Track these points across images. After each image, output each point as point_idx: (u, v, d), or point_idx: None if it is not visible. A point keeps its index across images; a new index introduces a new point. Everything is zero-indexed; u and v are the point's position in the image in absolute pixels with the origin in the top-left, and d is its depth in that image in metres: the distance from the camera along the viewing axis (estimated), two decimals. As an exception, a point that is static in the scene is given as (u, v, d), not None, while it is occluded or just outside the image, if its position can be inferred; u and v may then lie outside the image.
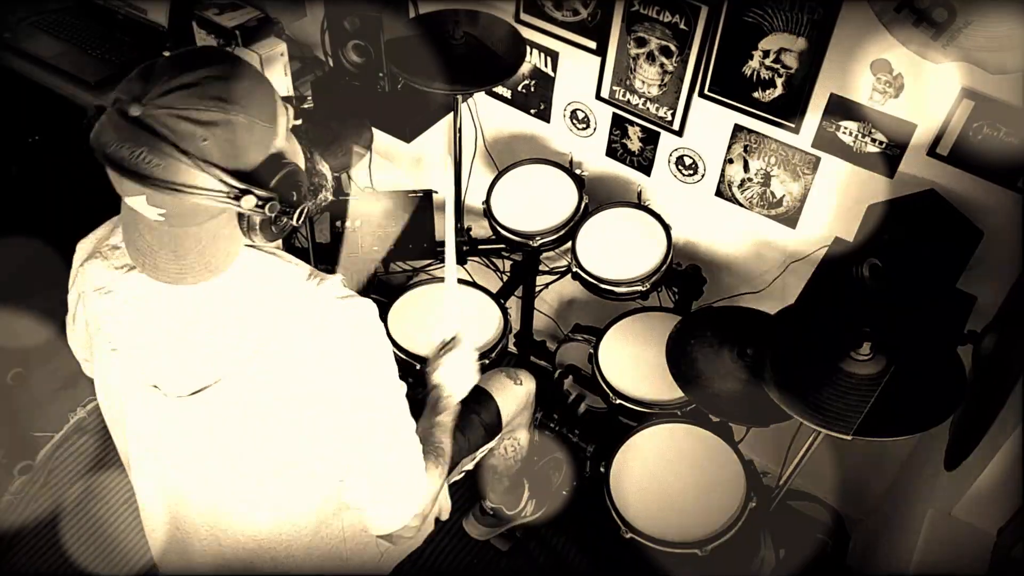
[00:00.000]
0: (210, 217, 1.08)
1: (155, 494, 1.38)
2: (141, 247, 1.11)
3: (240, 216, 1.11)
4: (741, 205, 2.06)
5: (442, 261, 2.39)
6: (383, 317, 1.37)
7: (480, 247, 2.34)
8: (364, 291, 1.80)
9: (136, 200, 1.04)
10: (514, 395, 1.86)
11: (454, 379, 1.55)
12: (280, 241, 1.23)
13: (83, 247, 1.30)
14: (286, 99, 1.13)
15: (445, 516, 1.66)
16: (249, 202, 1.06)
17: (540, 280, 2.40)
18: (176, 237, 1.08)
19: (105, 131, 1.03)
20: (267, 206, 1.09)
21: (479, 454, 1.78)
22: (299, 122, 1.17)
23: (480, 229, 2.31)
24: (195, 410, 1.21)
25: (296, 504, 1.33)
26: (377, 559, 1.58)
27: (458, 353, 1.56)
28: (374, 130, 2.31)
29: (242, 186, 1.06)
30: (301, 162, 1.17)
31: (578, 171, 2.18)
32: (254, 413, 1.20)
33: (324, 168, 1.25)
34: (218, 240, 1.11)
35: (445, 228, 1.49)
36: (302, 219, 1.15)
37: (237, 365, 1.17)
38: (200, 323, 1.17)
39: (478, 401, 1.80)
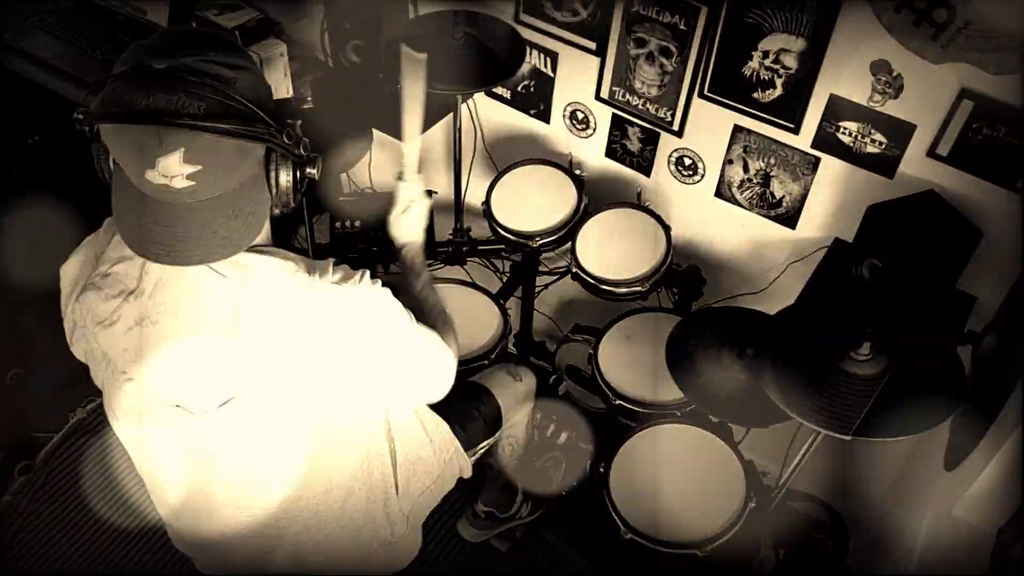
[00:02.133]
0: (240, 180, 1.08)
1: (191, 502, 1.38)
2: (155, 236, 1.07)
3: (267, 176, 1.12)
4: (741, 206, 2.06)
5: (443, 262, 2.40)
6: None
7: (480, 247, 2.34)
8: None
9: (168, 161, 1.01)
10: (514, 392, 1.87)
11: (416, 229, 1.57)
12: (271, 238, 1.25)
13: (67, 273, 1.27)
14: (285, 100, 1.14)
15: (467, 474, 1.72)
16: (288, 137, 1.09)
17: (540, 281, 2.39)
18: (198, 212, 1.06)
19: (125, 94, 1.01)
20: (300, 145, 1.12)
21: (479, 450, 1.78)
22: (298, 123, 1.18)
23: (480, 229, 2.31)
24: (223, 420, 1.21)
25: (326, 482, 1.38)
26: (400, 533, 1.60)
27: (419, 207, 1.57)
28: (374, 131, 2.31)
29: (274, 124, 1.08)
30: None
31: (578, 171, 2.18)
32: (281, 409, 1.22)
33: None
34: (248, 206, 1.10)
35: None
36: (318, 173, 1.17)
37: (256, 371, 1.17)
38: (212, 336, 1.16)
39: (478, 397, 1.80)
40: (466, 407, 1.76)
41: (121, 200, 1.10)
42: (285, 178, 1.13)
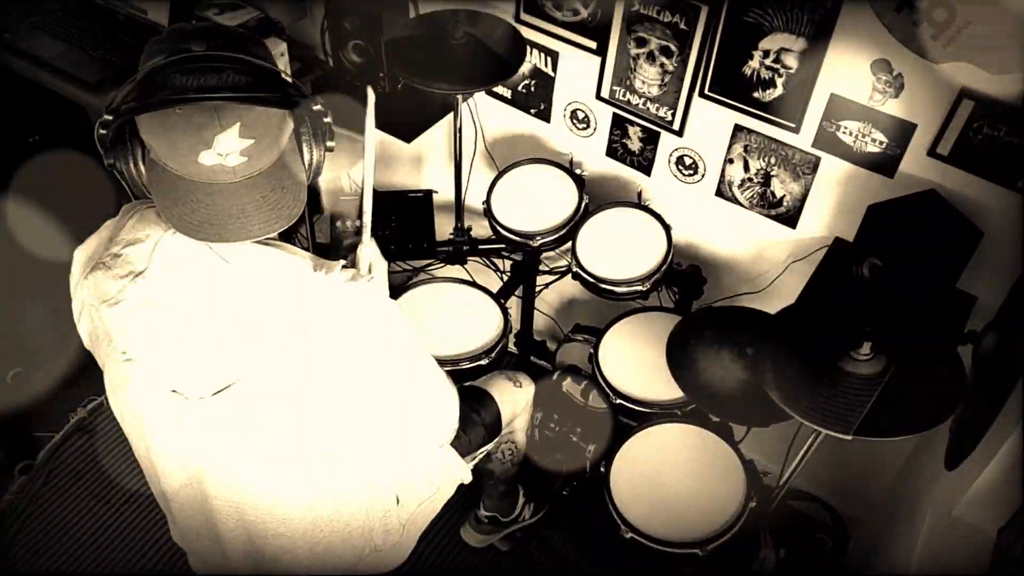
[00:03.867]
0: (279, 153, 1.11)
1: (184, 492, 1.38)
2: (211, 217, 1.08)
3: (299, 148, 1.15)
4: (741, 205, 2.06)
5: (443, 261, 2.40)
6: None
7: (480, 247, 2.34)
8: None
9: (227, 137, 1.03)
10: (513, 398, 1.87)
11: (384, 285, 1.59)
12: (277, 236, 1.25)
13: (80, 256, 1.28)
14: None
15: (467, 480, 1.71)
16: (317, 103, 1.14)
17: (540, 280, 2.39)
18: (248, 187, 1.08)
19: (173, 79, 1.03)
20: (328, 115, 1.16)
21: (478, 455, 1.78)
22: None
23: (480, 229, 2.31)
24: (219, 409, 1.21)
25: (325, 485, 1.37)
26: (395, 542, 1.60)
27: (380, 267, 1.57)
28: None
29: (306, 95, 1.12)
30: None
31: (578, 171, 2.18)
32: (278, 403, 1.22)
33: None
34: (288, 177, 1.13)
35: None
36: (335, 146, 1.21)
37: (256, 360, 1.18)
38: (214, 323, 1.16)
39: (479, 400, 1.80)
40: (467, 411, 1.75)
41: (163, 193, 1.10)
42: (316, 151, 1.17)
